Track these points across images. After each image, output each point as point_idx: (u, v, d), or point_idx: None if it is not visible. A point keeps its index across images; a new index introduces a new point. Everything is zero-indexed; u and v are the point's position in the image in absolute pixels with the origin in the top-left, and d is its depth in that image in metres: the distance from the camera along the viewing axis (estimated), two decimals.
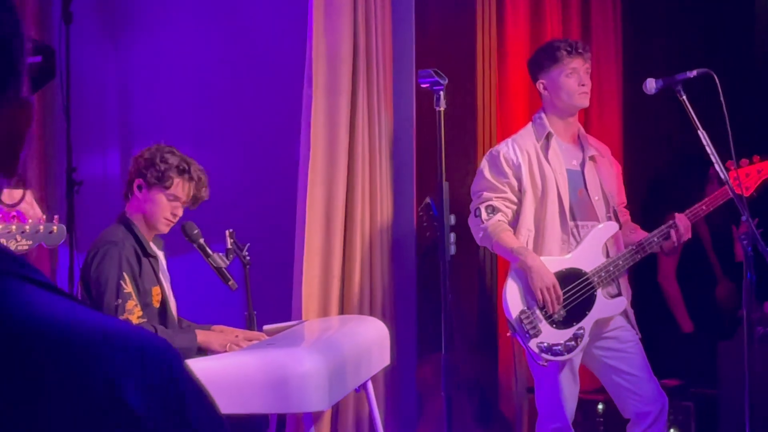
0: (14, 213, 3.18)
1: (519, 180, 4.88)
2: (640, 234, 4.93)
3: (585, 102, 4.93)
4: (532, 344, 4.76)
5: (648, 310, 5.63)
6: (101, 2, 6.59)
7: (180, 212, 4.55)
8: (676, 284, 6.83)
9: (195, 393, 1.08)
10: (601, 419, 6.10)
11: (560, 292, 4.75)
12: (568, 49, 4.88)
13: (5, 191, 1.22)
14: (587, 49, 4.97)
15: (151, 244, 4.53)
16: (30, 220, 3.64)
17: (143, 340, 1.06)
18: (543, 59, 4.96)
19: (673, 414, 5.73)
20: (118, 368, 1.02)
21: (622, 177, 5.14)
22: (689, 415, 6.06)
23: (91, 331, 1.04)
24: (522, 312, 4.77)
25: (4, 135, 1.13)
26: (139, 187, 4.50)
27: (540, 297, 4.73)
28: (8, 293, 1.05)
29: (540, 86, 4.97)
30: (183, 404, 1.06)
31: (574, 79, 4.86)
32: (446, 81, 4.06)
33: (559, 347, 4.76)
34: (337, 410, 5.60)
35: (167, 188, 4.49)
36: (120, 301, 4.28)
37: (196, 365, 3.78)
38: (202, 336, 4.43)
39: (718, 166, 4.52)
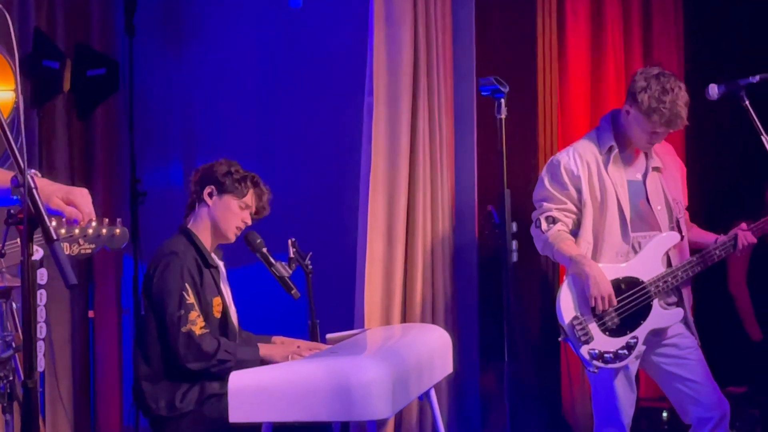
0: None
1: (579, 191, 4.85)
2: (695, 232, 4.93)
3: (648, 150, 4.88)
4: (583, 351, 4.75)
5: (714, 317, 5.57)
6: (165, 16, 6.66)
7: (249, 221, 4.59)
8: (746, 292, 6.74)
9: None
10: (666, 427, 6.06)
11: (615, 303, 4.73)
12: (667, 121, 4.68)
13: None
14: (684, 122, 4.73)
15: (213, 255, 4.55)
16: (93, 224, 3.65)
17: None
18: (642, 99, 4.71)
19: (738, 421, 5.68)
20: None
21: (685, 179, 5.09)
22: (755, 422, 6.00)
23: None
24: (574, 318, 4.76)
25: None
26: (210, 195, 4.52)
27: (593, 304, 4.72)
28: None
29: (624, 109, 4.83)
30: None
31: (649, 138, 4.78)
32: (507, 89, 4.05)
33: (610, 355, 4.74)
34: (400, 418, 5.61)
35: (243, 196, 4.52)
36: (183, 311, 4.30)
37: (261, 374, 3.81)
38: (265, 349, 4.45)
39: None
